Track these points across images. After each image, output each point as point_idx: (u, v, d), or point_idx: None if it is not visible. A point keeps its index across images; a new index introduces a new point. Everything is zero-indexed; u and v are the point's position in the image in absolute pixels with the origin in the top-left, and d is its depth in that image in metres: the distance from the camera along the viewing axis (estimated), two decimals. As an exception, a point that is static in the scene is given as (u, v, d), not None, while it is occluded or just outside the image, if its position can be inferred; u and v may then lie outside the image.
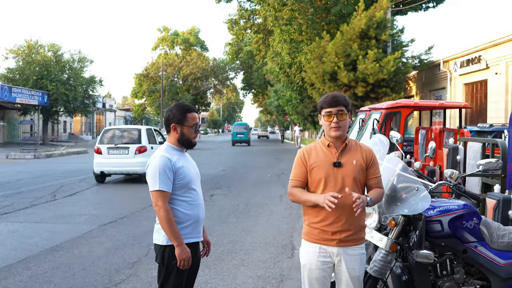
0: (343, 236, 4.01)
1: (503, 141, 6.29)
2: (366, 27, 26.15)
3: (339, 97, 4.09)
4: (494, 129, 16.69)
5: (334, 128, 4.04)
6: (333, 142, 4.10)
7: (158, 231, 4.34)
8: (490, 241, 4.61)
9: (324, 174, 4.03)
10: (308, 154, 4.13)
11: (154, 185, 4.21)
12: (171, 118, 4.37)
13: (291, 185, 4.18)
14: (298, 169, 4.15)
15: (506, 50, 23.78)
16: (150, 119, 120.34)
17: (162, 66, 66.48)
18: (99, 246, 9.02)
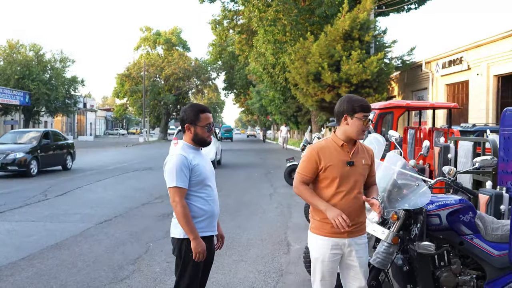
0: (352, 228, 4.29)
1: (494, 140, 6.61)
2: (349, 28, 26.51)
3: (369, 104, 4.42)
4: (477, 129, 17.12)
5: (364, 132, 4.33)
6: (347, 142, 4.36)
7: (175, 225, 4.56)
8: (485, 233, 4.92)
9: (339, 173, 4.28)
10: (322, 152, 4.33)
11: (171, 181, 4.42)
12: (185, 118, 4.60)
13: (300, 179, 4.38)
14: (309, 165, 4.34)
15: (487, 51, 24.25)
16: (131, 119, 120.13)
17: (144, 66, 66.45)
18: (99, 243, 9.22)
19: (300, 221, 11.32)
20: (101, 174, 21.21)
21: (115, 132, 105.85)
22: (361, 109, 4.30)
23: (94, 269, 7.61)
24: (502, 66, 23.64)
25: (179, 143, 4.70)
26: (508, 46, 22.58)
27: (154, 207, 13.09)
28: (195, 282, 4.56)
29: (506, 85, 24.87)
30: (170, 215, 11.79)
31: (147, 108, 68.92)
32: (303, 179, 4.37)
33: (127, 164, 27.11)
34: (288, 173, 17.99)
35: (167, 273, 7.40)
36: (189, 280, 4.52)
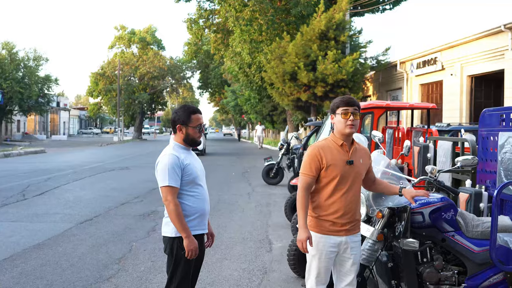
0: (350, 226, 4.51)
1: (473, 140, 6.80)
2: (325, 28, 26.70)
3: (354, 99, 4.56)
4: (451, 129, 17.39)
5: (350, 126, 4.44)
6: (346, 142, 4.51)
7: (167, 224, 4.69)
8: (466, 230, 5.08)
9: (339, 172, 4.44)
10: (324, 151, 4.48)
11: (164, 181, 4.55)
12: (176, 119, 4.72)
13: (305, 181, 4.49)
14: (313, 165, 4.47)
15: (461, 52, 24.63)
16: (105, 118, 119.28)
17: (119, 65, 66.10)
18: (82, 243, 9.24)
19: (280, 220, 11.44)
20: (78, 174, 21.10)
21: (89, 131, 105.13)
22: (339, 105, 4.49)
23: (79, 268, 7.65)
24: (475, 66, 24.04)
25: (169, 144, 4.78)
26: (481, 47, 22.97)
27: (134, 207, 13.11)
28: (187, 279, 4.68)
29: (479, 85, 25.31)
30: (150, 214, 11.93)
31: (122, 107, 68.49)
32: (308, 180, 4.49)
33: (103, 163, 26.98)
34: (265, 172, 18.13)
35: (152, 271, 7.48)
36: (181, 278, 4.64)
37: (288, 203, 10.90)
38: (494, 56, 22.37)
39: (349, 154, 4.51)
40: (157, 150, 41.29)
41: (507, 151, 5.42)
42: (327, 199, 4.48)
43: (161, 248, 8.70)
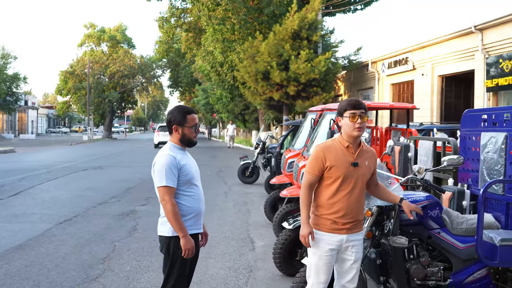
0: (351, 225, 4.61)
1: (454, 140, 6.98)
2: (298, 28, 26.89)
3: (361, 102, 4.65)
4: (424, 128, 17.76)
5: (358, 129, 4.52)
6: (352, 143, 4.59)
7: (164, 224, 4.73)
8: (451, 227, 5.25)
9: (343, 173, 4.52)
10: (328, 152, 4.56)
11: (161, 181, 4.61)
12: (172, 120, 4.78)
13: (308, 178, 4.60)
14: (316, 165, 4.57)
15: (432, 52, 25.07)
16: (74, 117, 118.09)
17: (89, 63, 65.56)
18: (64, 243, 9.22)
19: (259, 218, 11.56)
20: (51, 173, 20.94)
21: (57, 130, 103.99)
22: (346, 108, 4.56)
23: (64, 269, 7.65)
24: (446, 66, 24.49)
25: (166, 144, 4.86)
26: (452, 47, 23.42)
27: (112, 207, 13.10)
28: (183, 278, 4.76)
29: (450, 85, 25.79)
30: (129, 214, 11.96)
31: (92, 105, 67.92)
32: (311, 179, 4.60)
33: (76, 163, 26.79)
34: (241, 171, 18.24)
35: (139, 271, 7.53)
36: (177, 277, 4.71)
37: (267, 202, 11.02)
38: (464, 57, 22.81)
39: (355, 156, 4.58)
40: (128, 150, 41.32)
41: (490, 151, 5.60)
42: (329, 199, 4.57)
43: (145, 248, 8.83)
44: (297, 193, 8.99)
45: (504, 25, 19.97)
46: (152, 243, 9.21)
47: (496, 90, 20.72)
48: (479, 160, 5.86)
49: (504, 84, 19.88)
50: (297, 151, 10.40)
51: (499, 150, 5.44)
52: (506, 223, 5.35)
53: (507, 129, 5.39)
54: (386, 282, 5.36)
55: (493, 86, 20.56)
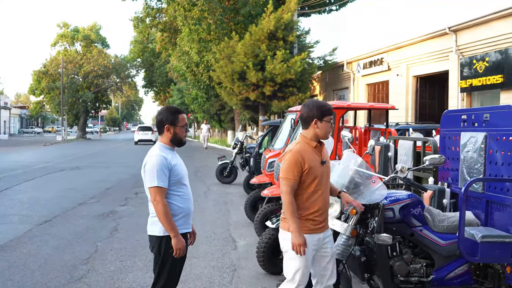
0: (325, 222, 4.82)
1: (434, 139, 7.14)
2: (274, 28, 27.00)
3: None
4: (400, 128, 17.97)
5: (330, 132, 4.83)
6: (318, 144, 4.79)
7: (155, 223, 4.77)
8: (433, 225, 5.40)
9: (318, 173, 4.69)
10: (305, 155, 4.66)
11: (152, 181, 4.65)
12: (164, 120, 4.83)
13: (290, 184, 4.61)
14: (296, 170, 4.62)
15: (407, 53, 25.39)
16: (47, 117, 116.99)
17: (62, 63, 64.98)
18: (45, 244, 9.20)
19: (240, 218, 11.64)
20: (28, 174, 20.80)
21: (30, 130, 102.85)
22: (328, 113, 4.77)
23: (48, 269, 7.64)
24: (420, 67, 24.82)
25: (155, 145, 4.92)
26: (427, 48, 23.74)
27: (92, 207, 13.07)
28: (174, 277, 4.83)
29: (424, 86, 26.14)
30: (109, 214, 11.97)
31: (65, 106, 67.32)
32: (293, 184, 4.63)
33: (52, 163, 26.60)
34: (219, 171, 18.30)
35: (123, 271, 7.56)
36: (168, 276, 4.79)
37: (248, 202, 11.10)
38: (439, 58, 23.15)
39: (321, 155, 4.79)
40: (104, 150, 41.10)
41: (469, 150, 5.75)
42: (308, 199, 4.68)
43: (127, 248, 8.88)
44: (278, 193, 9.08)
45: (477, 27, 20.32)
46: (134, 243, 9.24)
47: (470, 91, 21.07)
48: (459, 159, 6.01)
49: (478, 85, 20.22)
50: (277, 151, 10.49)
51: (479, 149, 5.60)
52: (486, 220, 5.50)
53: (487, 129, 5.55)
54: (370, 279, 5.50)
55: (467, 86, 20.89)
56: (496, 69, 19.24)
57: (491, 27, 19.58)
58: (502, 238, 5.00)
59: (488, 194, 5.46)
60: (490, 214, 5.47)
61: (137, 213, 12.16)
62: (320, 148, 4.80)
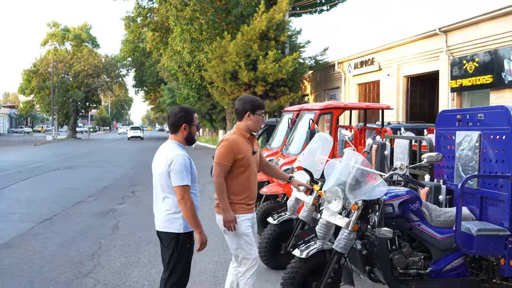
0: (254, 205, 5.55)
1: (430, 138, 7.40)
2: (266, 28, 27.18)
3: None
4: (392, 127, 18.22)
5: (261, 125, 5.54)
6: (251, 135, 5.46)
7: (173, 220, 4.88)
8: (430, 220, 5.66)
9: (250, 161, 5.36)
10: (237, 144, 5.30)
11: (182, 180, 4.78)
12: (181, 119, 4.98)
13: (220, 169, 5.25)
14: (228, 157, 5.24)
15: (398, 53, 25.68)
16: (36, 117, 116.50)
17: (53, 62, 64.86)
18: (49, 241, 9.39)
19: (237, 215, 11.82)
20: (23, 173, 20.92)
21: (19, 130, 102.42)
22: (260, 107, 5.43)
23: (55, 265, 7.84)
24: (411, 67, 25.12)
25: (169, 143, 5.06)
26: (418, 48, 24.04)
27: (90, 206, 13.27)
28: (187, 272, 5.03)
29: (415, 86, 26.45)
30: (109, 212, 12.19)
31: (56, 105, 67.23)
32: (224, 169, 5.25)
33: (45, 163, 26.71)
34: (213, 169, 18.45)
35: (129, 266, 7.78)
36: (183, 271, 4.97)
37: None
38: (429, 58, 23.46)
39: (253, 146, 5.46)
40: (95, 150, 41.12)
41: (464, 148, 6.02)
42: (241, 185, 5.33)
43: (131, 244, 9.10)
44: (277, 190, 9.35)
45: (467, 28, 20.63)
46: (137, 240, 9.47)
47: (460, 91, 21.38)
48: (454, 157, 6.27)
49: (468, 85, 20.53)
50: (274, 150, 10.75)
51: (474, 147, 5.86)
52: (480, 215, 5.77)
53: (481, 128, 5.82)
54: (371, 272, 5.75)
55: (457, 86, 21.20)
56: (485, 70, 19.55)
57: (481, 28, 19.90)
58: (496, 232, 5.28)
59: (482, 190, 5.73)
60: (485, 209, 5.73)
61: (135, 211, 12.38)
62: (252, 140, 5.47)
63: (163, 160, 4.92)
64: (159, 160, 4.99)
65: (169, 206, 4.90)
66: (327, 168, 6.22)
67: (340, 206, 5.59)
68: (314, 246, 5.52)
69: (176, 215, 4.87)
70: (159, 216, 5.01)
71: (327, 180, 5.81)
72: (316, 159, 6.91)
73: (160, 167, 4.92)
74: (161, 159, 4.96)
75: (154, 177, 5.01)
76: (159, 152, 5.08)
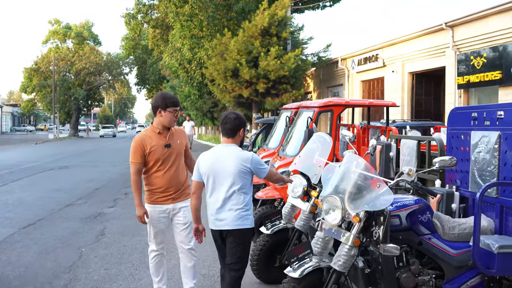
0: (175, 195, 5.79)
1: (440, 139, 6.67)
2: (268, 25, 26.61)
3: (178, 100, 5.92)
4: (397, 125, 17.51)
5: (174, 121, 5.77)
6: (163, 130, 5.72)
7: (247, 217, 5.21)
8: (442, 233, 4.93)
9: (160, 155, 5.65)
10: (145, 141, 5.65)
11: (266, 168, 5.40)
12: (241, 124, 5.29)
13: (135, 167, 5.65)
14: (137, 154, 5.64)
15: (403, 49, 24.96)
16: (39, 115, 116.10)
17: (54, 60, 64.32)
18: (27, 250, 8.69)
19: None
20: (15, 174, 20.26)
21: (22, 128, 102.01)
22: (172, 104, 5.69)
23: (27, 279, 7.13)
24: (416, 63, 24.41)
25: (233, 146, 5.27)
26: (423, 44, 23.31)
27: (78, 209, 12.57)
28: None
29: (420, 82, 25.75)
30: (97, 217, 11.56)
31: (57, 103, 66.72)
32: (137, 167, 5.66)
33: (41, 162, 26.07)
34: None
35: (107, 280, 7.06)
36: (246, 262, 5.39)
37: None
38: (435, 54, 22.74)
39: (167, 139, 5.74)
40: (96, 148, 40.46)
41: (481, 151, 5.30)
42: (152, 177, 5.72)
43: (113, 254, 8.43)
44: (273, 195, 8.61)
45: (475, 22, 19.91)
46: (121, 248, 8.77)
47: (467, 87, 20.65)
48: (469, 160, 5.56)
49: (475, 81, 19.82)
50: (271, 150, 10.03)
51: (492, 150, 5.14)
52: (500, 227, 5.05)
53: (501, 128, 5.09)
54: (374, 293, 5.03)
55: (464, 83, 20.48)
56: (494, 65, 18.84)
57: (489, 23, 19.17)
58: (520, 248, 4.55)
59: (502, 199, 5.01)
60: (505, 221, 5.02)
61: (125, 215, 11.69)
62: (165, 134, 5.74)
63: (235, 161, 5.15)
64: (229, 162, 5.15)
65: (240, 204, 5.17)
66: (325, 172, 5.55)
67: (339, 218, 4.84)
68: (310, 264, 4.86)
69: (248, 212, 5.22)
70: (228, 215, 5.16)
71: (325, 187, 5.11)
72: (314, 162, 6.22)
73: (231, 168, 5.13)
74: (232, 160, 5.15)
75: (217, 179, 5.15)
76: (221, 154, 5.24)
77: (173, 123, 5.77)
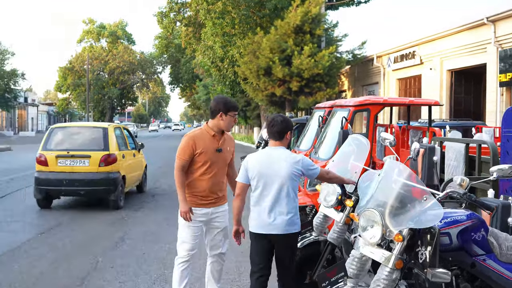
0: (214, 200, 5.68)
1: (492, 142, 5.95)
2: (301, 22, 26.05)
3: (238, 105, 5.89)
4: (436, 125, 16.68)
5: (232, 125, 5.86)
6: (218, 133, 5.63)
7: (296, 222, 5.18)
8: (499, 253, 4.22)
9: (209, 158, 5.56)
10: (197, 140, 5.57)
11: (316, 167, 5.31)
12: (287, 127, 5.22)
13: (180, 163, 5.56)
14: (187, 151, 5.54)
15: (440, 46, 24.04)
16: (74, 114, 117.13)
17: (88, 59, 64.58)
18: (41, 259, 8.15)
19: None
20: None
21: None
22: (233, 109, 5.61)
23: (36, 292, 6.61)
24: (455, 60, 23.49)
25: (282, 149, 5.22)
26: (462, 40, 22.39)
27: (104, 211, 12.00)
28: None
29: (459, 80, 24.82)
30: (120, 220, 10.98)
31: (91, 102, 67.04)
32: (182, 162, 5.56)
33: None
34: (242, 171, 17.24)
35: (121, 295, 6.50)
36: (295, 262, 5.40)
37: None
38: (475, 50, 21.81)
39: (219, 143, 5.63)
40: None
41: (544, 157, 4.59)
42: (198, 180, 5.57)
43: (130, 264, 7.78)
44: (304, 201, 7.94)
45: (518, 16, 18.97)
46: (140, 257, 8.18)
47: (510, 85, 19.70)
48: (527, 167, 4.82)
49: (519, 79, 18.88)
50: (303, 152, 9.36)
51: (558, 156, 4.41)
52: None
53: None
54: (419, 322, 4.32)
55: (507, 80, 19.51)
56: (539, 62, 17.90)
57: (534, 17, 18.24)
58: None
59: None
60: None
61: (149, 220, 11.15)
62: (219, 137, 5.64)
63: (286, 163, 5.09)
64: (279, 165, 5.09)
65: (290, 209, 5.12)
66: (362, 179, 4.91)
67: (379, 236, 4.13)
68: None
69: (296, 215, 5.18)
70: (280, 220, 5.10)
71: (362, 197, 4.47)
72: (349, 167, 5.57)
73: (282, 171, 5.07)
74: (283, 163, 5.09)
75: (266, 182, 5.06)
76: (270, 157, 5.17)
77: (231, 128, 5.78)
